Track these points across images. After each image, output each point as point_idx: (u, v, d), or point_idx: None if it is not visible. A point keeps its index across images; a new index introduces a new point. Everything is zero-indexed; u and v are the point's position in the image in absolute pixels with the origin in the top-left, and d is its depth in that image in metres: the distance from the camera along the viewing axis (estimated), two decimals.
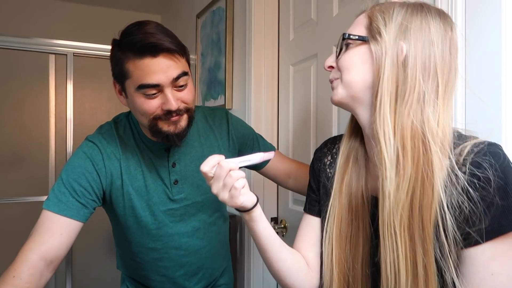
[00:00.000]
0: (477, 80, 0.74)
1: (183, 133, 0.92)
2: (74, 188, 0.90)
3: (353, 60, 0.65)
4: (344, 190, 0.72)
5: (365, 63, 0.64)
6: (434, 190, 0.56)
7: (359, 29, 0.66)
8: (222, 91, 1.84)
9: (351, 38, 0.65)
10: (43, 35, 2.00)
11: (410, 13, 0.62)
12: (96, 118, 2.91)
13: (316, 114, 1.34)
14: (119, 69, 0.88)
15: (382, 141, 0.60)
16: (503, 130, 0.70)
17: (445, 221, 0.55)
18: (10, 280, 0.79)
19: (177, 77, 0.86)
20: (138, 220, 0.99)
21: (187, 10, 2.48)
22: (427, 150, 0.58)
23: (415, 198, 0.58)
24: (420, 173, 0.57)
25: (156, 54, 0.83)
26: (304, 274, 0.75)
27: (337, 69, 0.69)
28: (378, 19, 0.63)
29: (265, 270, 1.57)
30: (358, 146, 0.73)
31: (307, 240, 0.79)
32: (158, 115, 0.88)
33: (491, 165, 0.53)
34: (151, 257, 1.03)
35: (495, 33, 0.71)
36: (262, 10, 1.58)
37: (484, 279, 0.53)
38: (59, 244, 0.86)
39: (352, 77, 0.65)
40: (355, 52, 0.65)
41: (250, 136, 1.15)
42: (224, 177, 0.64)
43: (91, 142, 0.97)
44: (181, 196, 1.01)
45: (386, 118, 0.60)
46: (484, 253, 0.54)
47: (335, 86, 0.69)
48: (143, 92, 0.85)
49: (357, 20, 0.69)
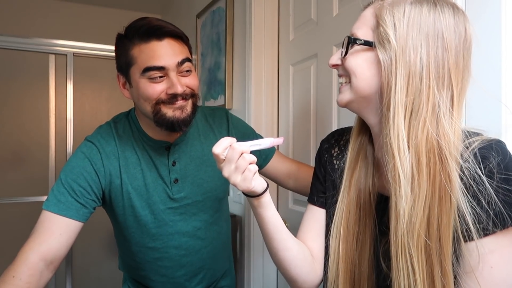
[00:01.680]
0: (477, 80, 0.74)
1: (188, 119, 0.92)
2: (73, 188, 0.90)
3: (360, 64, 0.63)
4: (353, 185, 0.70)
5: (371, 69, 0.61)
6: (452, 205, 0.54)
7: (366, 30, 0.63)
8: (222, 91, 1.85)
9: (356, 43, 0.62)
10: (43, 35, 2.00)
11: (422, 14, 0.58)
12: (96, 118, 2.91)
13: (316, 114, 1.34)
14: (124, 58, 0.89)
15: (397, 156, 0.57)
16: (503, 130, 0.70)
17: (465, 233, 0.54)
18: (10, 280, 0.79)
19: (182, 61, 0.88)
20: (138, 219, 0.99)
21: (187, 10, 2.48)
22: (444, 165, 0.55)
23: (433, 216, 0.55)
24: (437, 189, 0.55)
25: (162, 37, 0.86)
26: (309, 265, 0.74)
27: (343, 68, 0.66)
28: (386, 23, 0.59)
29: (265, 270, 1.57)
30: (367, 143, 0.72)
31: (311, 231, 0.78)
32: (161, 99, 0.88)
33: (496, 160, 0.53)
34: (151, 256, 1.03)
35: (495, 33, 0.71)
36: (262, 10, 1.58)
37: (483, 271, 0.53)
38: (58, 244, 0.86)
39: (359, 82, 0.63)
40: (362, 56, 0.63)
41: (251, 136, 1.15)
42: (236, 159, 0.63)
43: (89, 142, 0.97)
44: (181, 195, 1.01)
45: (401, 132, 0.57)
46: (484, 246, 0.54)
47: (343, 90, 0.66)
48: (148, 76, 0.87)
49: (364, 17, 0.64)
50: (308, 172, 1.06)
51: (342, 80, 0.67)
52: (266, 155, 1.14)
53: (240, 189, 0.65)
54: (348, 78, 0.65)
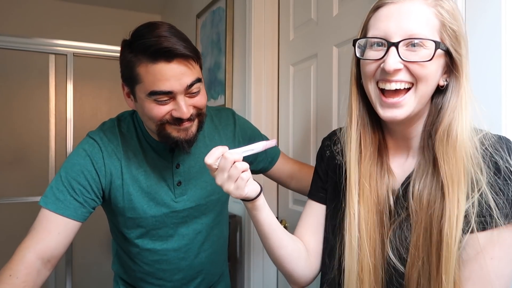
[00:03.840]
0: (477, 80, 0.74)
1: (193, 139, 0.90)
2: (72, 187, 0.89)
3: (435, 69, 0.59)
4: (368, 196, 0.67)
5: (438, 71, 0.60)
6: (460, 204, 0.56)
7: (431, 31, 0.58)
8: (222, 91, 1.84)
9: (440, 47, 0.57)
10: (43, 35, 1.99)
11: (454, 5, 0.60)
12: (96, 118, 2.91)
13: (316, 114, 1.34)
14: (129, 73, 0.84)
15: (461, 162, 0.57)
16: (503, 130, 0.70)
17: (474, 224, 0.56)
18: (6, 279, 0.78)
19: (190, 84, 0.83)
20: (138, 220, 0.97)
21: (187, 10, 2.48)
22: (471, 160, 0.57)
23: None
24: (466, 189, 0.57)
25: (171, 59, 0.80)
26: (303, 261, 0.76)
27: (406, 71, 0.59)
28: (453, 24, 0.58)
29: (265, 271, 1.57)
30: (380, 140, 0.70)
31: (309, 227, 0.79)
32: (166, 120, 0.85)
33: (505, 153, 0.56)
34: (150, 259, 1.01)
35: (495, 33, 0.71)
36: (262, 10, 1.58)
37: (483, 262, 0.55)
38: (56, 243, 0.85)
39: (428, 89, 0.60)
40: (437, 61, 0.59)
41: (257, 139, 1.14)
42: (228, 168, 0.64)
43: (92, 139, 0.94)
44: (184, 198, 0.99)
45: (461, 129, 0.59)
46: (486, 238, 0.55)
47: (405, 102, 0.59)
48: (154, 99, 0.83)
49: (419, 16, 0.58)
50: (309, 173, 1.05)
51: (403, 85, 0.60)
52: (272, 158, 1.13)
53: (234, 197, 0.66)
54: (411, 84, 0.60)
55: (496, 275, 0.55)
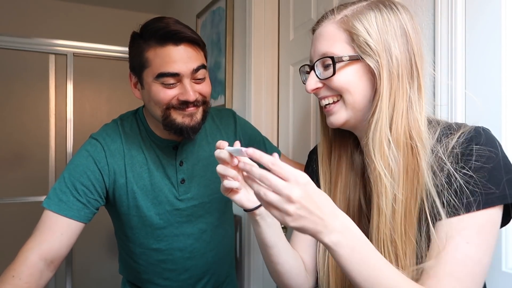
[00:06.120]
0: (477, 80, 0.74)
1: (197, 126, 0.91)
2: (75, 187, 0.89)
3: (351, 79, 0.63)
4: (338, 197, 0.71)
5: (362, 80, 0.63)
6: (420, 184, 0.59)
7: (341, 45, 0.63)
8: (222, 91, 1.84)
9: (343, 60, 0.62)
10: (43, 35, 1.99)
11: (385, 17, 0.61)
12: (96, 118, 2.91)
13: (316, 114, 1.34)
14: (139, 59, 0.88)
15: (379, 159, 0.60)
16: (503, 130, 0.70)
17: (432, 205, 0.58)
18: (9, 280, 0.79)
19: (197, 68, 0.87)
20: (143, 219, 0.97)
21: (187, 10, 2.48)
22: (414, 154, 0.59)
23: (408, 205, 0.59)
24: (410, 180, 0.59)
25: (179, 42, 0.84)
26: (303, 278, 0.74)
27: (327, 89, 0.66)
28: (360, 31, 0.61)
29: (265, 271, 1.57)
30: (352, 153, 0.73)
31: (302, 242, 0.78)
32: (172, 104, 0.87)
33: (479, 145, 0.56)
34: (155, 258, 1.01)
35: (495, 33, 0.71)
36: (262, 10, 1.58)
37: (458, 246, 0.55)
38: (59, 244, 0.86)
39: (355, 96, 0.63)
40: (349, 71, 0.63)
41: (257, 138, 1.14)
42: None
43: (94, 139, 0.96)
44: (187, 195, 1.00)
45: (384, 134, 0.60)
46: (463, 222, 0.55)
47: (336, 110, 0.66)
48: (161, 81, 0.86)
49: (328, 34, 0.64)
50: None
51: (329, 100, 0.66)
52: None
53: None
54: (337, 97, 0.65)
55: (472, 260, 0.54)
